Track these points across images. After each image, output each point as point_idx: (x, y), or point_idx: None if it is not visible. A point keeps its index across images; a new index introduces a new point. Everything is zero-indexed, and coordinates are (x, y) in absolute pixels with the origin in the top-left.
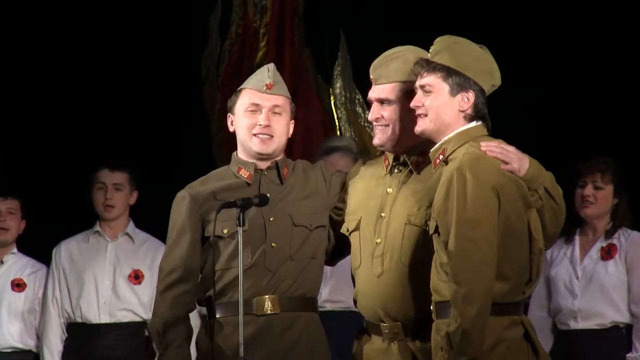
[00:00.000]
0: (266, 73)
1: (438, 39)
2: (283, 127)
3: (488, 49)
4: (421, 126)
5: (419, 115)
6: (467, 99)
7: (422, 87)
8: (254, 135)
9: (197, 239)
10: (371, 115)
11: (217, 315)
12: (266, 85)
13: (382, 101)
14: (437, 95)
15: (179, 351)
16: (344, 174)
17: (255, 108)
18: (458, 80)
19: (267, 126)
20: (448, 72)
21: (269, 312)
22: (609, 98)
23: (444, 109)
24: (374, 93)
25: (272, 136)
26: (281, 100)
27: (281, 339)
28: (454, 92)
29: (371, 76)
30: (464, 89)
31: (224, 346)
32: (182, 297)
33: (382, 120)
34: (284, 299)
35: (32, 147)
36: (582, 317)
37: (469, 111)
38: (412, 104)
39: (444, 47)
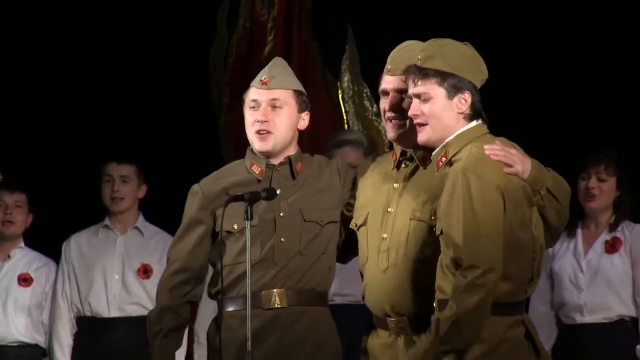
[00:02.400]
0: (265, 69)
1: (425, 45)
2: (284, 121)
3: (493, 44)
4: (424, 136)
5: (419, 124)
6: (464, 100)
7: (417, 95)
8: (255, 132)
9: (206, 234)
10: (389, 105)
11: (226, 309)
12: (261, 81)
13: (401, 91)
14: (435, 101)
15: (163, 341)
16: (357, 169)
17: (255, 104)
18: (453, 82)
19: (265, 121)
20: (442, 77)
21: (276, 305)
22: (614, 91)
23: (443, 114)
24: (393, 83)
25: (270, 132)
26: (280, 93)
27: (288, 332)
28: (450, 95)
29: (389, 66)
30: (460, 91)
31: (231, 339)
32: (179, 287)
33: (398, 112)
34: (292, 292)
35: (41, 140)
36: (588, 310)
37: (468, 111)
38: (410, 113)
39: (434, 52)
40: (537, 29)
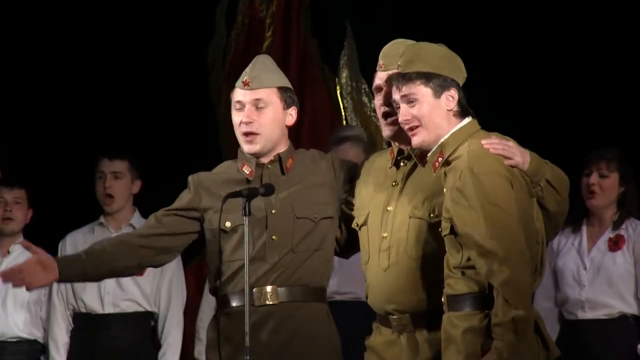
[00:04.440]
0: (247, 69)
1: (403, 51)
2: (269, 120)
3: (492, 42)
4: (418, 138)
5: (411, 128)
6: (451, 97)
7: (404, 98)
8: (242, 134)
9: (183, 214)
10: (383, 101)
11: (222, 307)
12: (243, 82)
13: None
14: (423, 101)
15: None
16: (354, 163)
17: (240, 106)
18: (438, 81)
19: (250, 122)
20: (427, 77)
21: (268, 302)
22: (615, 89)
23: (433, 113)
24: (386, 79)
25: (257, 133)
26: (262, 93)
27: (280, 329)
28: (437, 94)
29: (381, 62)
30: (445, 89)
31: (227, 337)
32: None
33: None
34: (284, 289)
35: (41, 137)
36: (590, 307)
37: (456, 108)
38: (400, 120)
39: (413, 55)
40: (536, 28)
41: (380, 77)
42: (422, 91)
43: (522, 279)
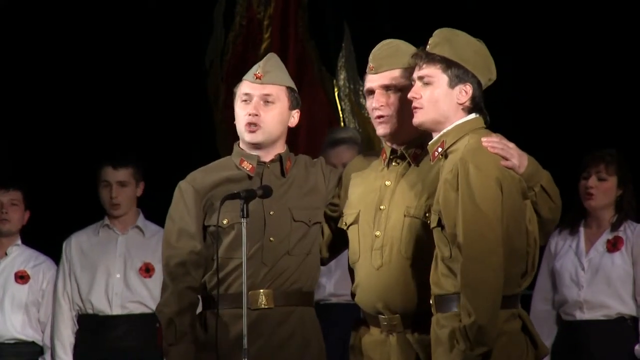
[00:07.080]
0: (260, 63)
1: (437, 31)
2: (274, 117)
3: (490, 42)
4: (419, 118)
5: (415, 107)
6: (465, 92)
7: (420, 78)
8: (246, 124)
9: (200, 231)
10: (376, 103)
11: (210, 307)
12: (255, 75)
13: (387, 87)
14: (436, 86)
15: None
16: (343, 169)
17: (247, 98)
18: (457, 72)
19: (255, 115)
20: (447, 64)
21: (262, 306)
22: (614, 90)
23: (442, 101)
24: (377, 81)
25: (259, 126)
26: (272, 89)
27: (275, 333)
28: (452, 84)
29: (371, 64)
30: (462, 81)
31: (219, 339)
32: (187, 291)
33: (386, 109)
34: (279, 293)
35: (40, 139)
36: (588, 308)
37: (467, 103)
38: (409, 95)
39: (444, 39)
40: (535, 29)
41: (370, 80)
42: (439, 76)
43: (487, 280)
